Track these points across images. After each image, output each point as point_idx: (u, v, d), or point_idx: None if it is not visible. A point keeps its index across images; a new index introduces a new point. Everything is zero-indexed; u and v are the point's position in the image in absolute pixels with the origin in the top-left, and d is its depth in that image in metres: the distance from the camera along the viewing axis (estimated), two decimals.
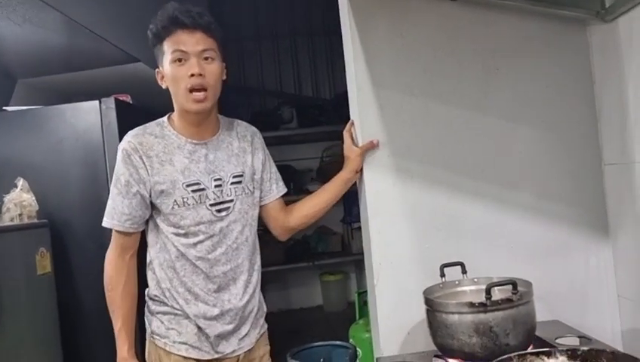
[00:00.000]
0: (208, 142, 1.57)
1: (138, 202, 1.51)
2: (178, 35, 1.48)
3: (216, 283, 1.54)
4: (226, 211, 1.55)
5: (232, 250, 1.56)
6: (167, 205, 1.50)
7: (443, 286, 1.49)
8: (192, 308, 1.53)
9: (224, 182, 1.55)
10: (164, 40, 1.49)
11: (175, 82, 1.49)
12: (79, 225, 2.27)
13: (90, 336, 1.89)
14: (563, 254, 1.66)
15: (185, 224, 1.51)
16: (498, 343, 1.25)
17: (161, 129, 1.56)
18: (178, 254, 1.52)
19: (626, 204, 1.57)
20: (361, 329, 2.46)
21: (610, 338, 1.60)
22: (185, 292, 1.53)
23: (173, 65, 1.48)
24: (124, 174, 1.50)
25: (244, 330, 1.60)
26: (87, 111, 2.39)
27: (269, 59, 4.80)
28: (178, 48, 1.47)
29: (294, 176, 4.37)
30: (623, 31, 1.51)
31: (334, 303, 4.52)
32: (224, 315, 1.55)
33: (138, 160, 1.49)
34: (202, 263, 1.53)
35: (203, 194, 1.52)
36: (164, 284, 1.55)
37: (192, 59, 1.47)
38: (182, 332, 1.54)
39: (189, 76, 1.47)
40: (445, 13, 1.65)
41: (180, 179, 1.51)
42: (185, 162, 1.52)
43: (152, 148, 1.51)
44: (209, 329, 1.53)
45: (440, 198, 1.64)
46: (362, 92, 1.63)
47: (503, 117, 1.66)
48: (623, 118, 1.54)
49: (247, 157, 1.63)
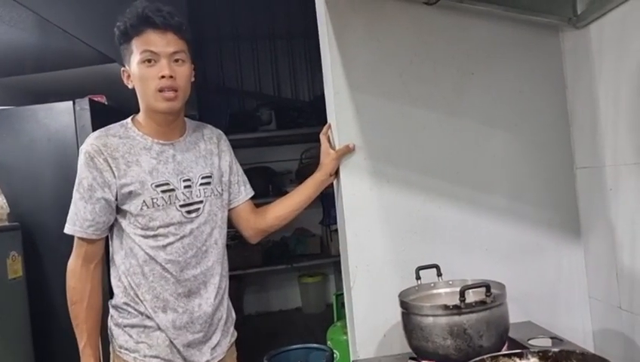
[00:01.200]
0: (175, 143, 1.54)
1: (102, 207, 1.46)
2: (148, 34, 1.44)
3: (187, 287, 1.50)
4: (195, 213, 1.52)
5: (201, 253, 1.53)
6: (135, 206, 1.46)
7: (418, 289, 1.50)
8: (160, 318, 1.48)
9: (193, 183, 1.53)
10: (133, 39, 1.45)
11: (144, 83, 1.46)
12: (52, 228, 2.23)
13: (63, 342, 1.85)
14: (536, 256, 1.69)
15: (154, 225, 1.47)
16: (472, 345, 1.26)
17: (126, 130, 1.52)
18: (146, 258, 1.48)
19: (597, 206, 1.60)
20: (338, 332, 2.46)
21: (581, 339, 1.63)
22: (153, 300, 1.48)
23: (142, 66, 1.45)
24: (86, 178, 1.45)
25: (215, 339, 1.56)
26: (60, 112, 2.36)
27: (248, 61, 4.78)
28: (148, 49, 1.44)
29: (273, 177, 4.35)
30: (594, 37, 1.54)
31: (313, 305, 4.52)
32: (194, 323, 1.51)
33: (102, 162, 1.45)
34: (172, 266, 1.48)
35: (173, 194, 1.49)
36: (131, 292, 1.49)
37: (163, 60, 1.44)
38: (153, 345, 1.48)
39: (159, 77, 1.44)
40: (421, 17, 1.66)
41: (149, 179, 1.47)
42: (152, 163, 1.49)
43: (117, 150, 1.47)
44: (178, 340, 1.49)
45: (416, 201, 1.65)
46: (339, 95, 1.63)
47: (477, 120, 1.68)
48: (594, 122, 1.57)
49: (215, 159, 1.61)
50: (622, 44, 1.43)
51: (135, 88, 1.50)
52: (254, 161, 4.42)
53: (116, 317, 1.53)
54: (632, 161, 1.42)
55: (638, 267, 1.44)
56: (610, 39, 1.48)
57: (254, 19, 4.75)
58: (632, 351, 1.48)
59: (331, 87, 1.64)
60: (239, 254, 3.98)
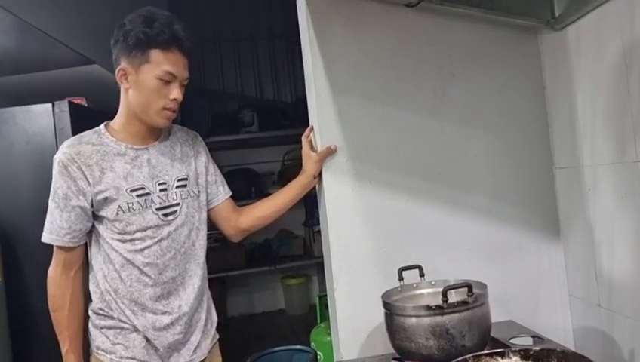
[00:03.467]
0: (150, 148, 1.55)
1: (77, 215, 1.47)
2: (174, 54, 1.46)
3: (165, 289, 1.51)
4: (172, 215, 1.53)
5: (180, 255, 1.54)
6: (111, 211, 1.47)
7: (401, 290, 1.50)
8: (139, 319, 1.49)
9: (169, 186, 1.54)
10: (155, 50, 1.45)
11: (153, 97, 1.47)
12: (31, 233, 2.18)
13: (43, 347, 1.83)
14: (517, 255, 1.71)
15: (131, 230, 1.48)
16: (454, 345, 1.27)
17: (99, 137, 1.52)
18: (124, 263, 1.49)
19: (576, 206, 1.62)
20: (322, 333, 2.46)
21: (562, 337, 1.66)
22: (131, 304, 1.49)
23: (158, 82, 1.46)
24: (61, 187, 1.46)
25: (195, 340, 1.57)
26: (39, 115, 2.32)
27: (230, 62, 4.76)
28: (170, 70, 1.46)
29: (256, 179, 4.34)
30: (571, 39, 1.57)
31: (296, 306, 4.52)
32: (174, 324, 1.52)
33: (76, 170, 1.45)
34: (150, 269, 1.49)
35: (148, 198, 1.50)
36: (108, 296, 1.50)
37: (176, 83, 1.48)
38: (129, 347, 1.49)
39: (170, 99, 1.48)
40: (402, 19, 1.67)
41: (124, 185, 1.48)
42: (127, 168, 1.50)
43: (91, 157, 1.47)
44: (158, 341, 1.50)
45: (398, 202, 1.66)
46: (321, 97, 1.64)
47: (458, 121, 1.70)
48: (573, 123, 1.60)
49: (191, 161, 1.62)
50: (598, 45, 1.46)
51: (131, 91, 1.49)
52: (236, 163, 4.40)
53: (94, 319, 1.54)
54: (609, 161, 1.45)
55: (616, 265, 1.47)
56: (588, 41, 1.50)
57: (235, 20, 4.73)
58: (610, 348, 1.50)
59: (313, 89, 1.64)
60: (222, 256, 3.96)
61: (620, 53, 1.37)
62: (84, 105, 2.55)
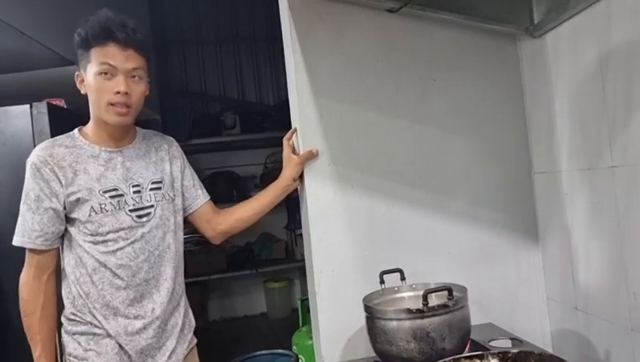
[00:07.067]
0: (124, 150, 1.56)
1: (50, 217, 1.46)
2: (108, 47, 1.44)
3: (139, 291, 1.51)
4: (146, 217, 1.53)
5: (154, 257, 1.53)
6: (84, 212, 1.46)
7: (382, 293, 1.51)
8: (111, 324, 1.48)
9: (143, 189, 1.54)
10: (93, 48, 1.45)
11: (98, 94, 1.46)
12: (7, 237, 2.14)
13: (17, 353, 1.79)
14: (496, 259, 1.73)
15: (104, 231, 1.48)
16: (435, 348, 1.28)
17: (72, 140, 1.53)
18: (96, 266, 1.48)
19: (554, 210, 1.65)
20: (304, 337, 2.46)
21: (540, 339, 1.68)
22: (103, 308, 1.48)
23: (99, 78, 1.45)
24: (33, 189, 1.46)
25: (170, 345, 1.55)
26: (16, 116, 2.27)
27: (212, 64, 4.74)
28: (106, 62, 1.44)
29: (238, 182, 4.32)
30: (550, 46, 1.60)
31: (278, 310, 4.50)
32: (146, 328, 1.51)
33: (49, 173, 1.45)
34: (123, 271, 1.49)
35: (122, 200, 1.50)
36: (80, 301, 1.49)
37: (120, 75, 1.45)
38: (101, 353, 1.48)
39: (114, 92, 1.45)
40: (383, 24, 1.68)
41: (96, 186, 1.48)
42: (100, 170, 1.50)
43: (64, 159, 1.47)
44: (130, 346, 1.49)
45: (380, 206, 1.66)
46: (303, 100, 1.64)
47: (438, 126, 1.71)
48: (551, 128, 1.62)
49: (166, 165, 1.62)
50: (576, 52, 1.48)
51: (87, 95, 1.50)
52: (218, 166, 4.37)
53: (66, 325, 1.53)
54: (585, 167, 1.48)
55: (592, 269, 1.50)
56: (565, 48, 1.53)
57: (217, 22, 4.71)
58: (587, 350, 1.53)
59: (295, 92, 1.64)
60: (203, 260, 3.93)
61: (596, 60, 1.39)
62: (62, 106, 2.51)
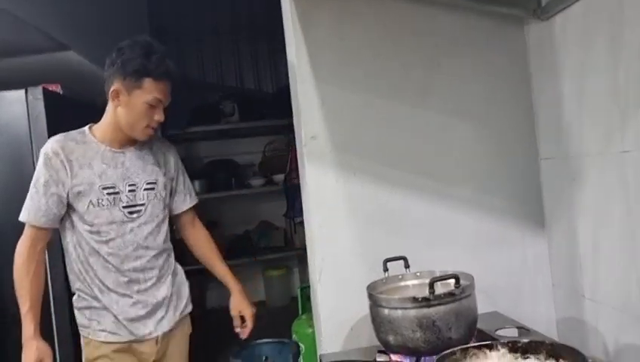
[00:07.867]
0: (127, 152, 1.77)
1: (54, 201, 1.68)
2: (164, 84, 1.69)
3: (128, 276, 1.73)
4: (137, 213, 1.74)
5: (142, 248, 1.75)
6: (83, 205, 1.68)
7: (386, 281, 1.49)
8: (105, 298, 1.72)
9: (138, 188, 1.75)
10: (148, 79, 1.66)
11: (140, 117, 1.69)
12: (3, 223, 2.13)
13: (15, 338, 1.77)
14: (502, 246, 1.70)
15: (98, 223, 1.70)
16: (441, 337, 1.26)
17: (83, 136, 1.74)
18: (91, 251, 1.71)
19: (561, 197, 1.62)
20: (304, 325, 2.44)
21: (545, 327, 1.65)
22: (99, 284, 1.72)
23: (147, 106, 1.68)
24: (44, 175, 1.67)
25: (160, 314, 1.78)
26: (11, 102, 2.24)
27: (210, 52, 4.68)
28: (159, 97, 1.69)
29: (236, 170, 4.28)
30: (558, 29, 1.56)
31: (278, 298, 4.48)
32: (135, 304, 1.74)
33: (59, 163, 1.67)
34: (113, 259, 1.71)
35: (117, 197, 1.72)
36: (81, 276, 1.73)
37: (161, 107, 1.72)
38: (101, 322, 1.74)
39: (155, 119, 1.71)
40: (387, 8, 1.64)
41: (97, 182, 1.69)
42: (103, 167, 1.71)
43: (73, 153, 1.69)
44: (122, 316, 1.72)
45: (382, 193, 1.63)
46: (304, 87, 1.61)
47: (443, 112, 1.68)
48: (558, 113, 1.59)
49: (162, 169, 1.84)
50: (585, 35, 1.44)
51: (120, 109, 1.69)
52: (217, 154, 4.33)
53: (75, 301, 1.78)
54: (595, 152, 1.44)
55: (601, 256, 1.47)
56: (574, 31, 1.49)
57: (216, 9, 4.65)
58: (595, 339, 1.50)
59: (296, 79, 1.61)
60: None
61: (607, 42, 1.35)
62: (59, 92, 2.47)
